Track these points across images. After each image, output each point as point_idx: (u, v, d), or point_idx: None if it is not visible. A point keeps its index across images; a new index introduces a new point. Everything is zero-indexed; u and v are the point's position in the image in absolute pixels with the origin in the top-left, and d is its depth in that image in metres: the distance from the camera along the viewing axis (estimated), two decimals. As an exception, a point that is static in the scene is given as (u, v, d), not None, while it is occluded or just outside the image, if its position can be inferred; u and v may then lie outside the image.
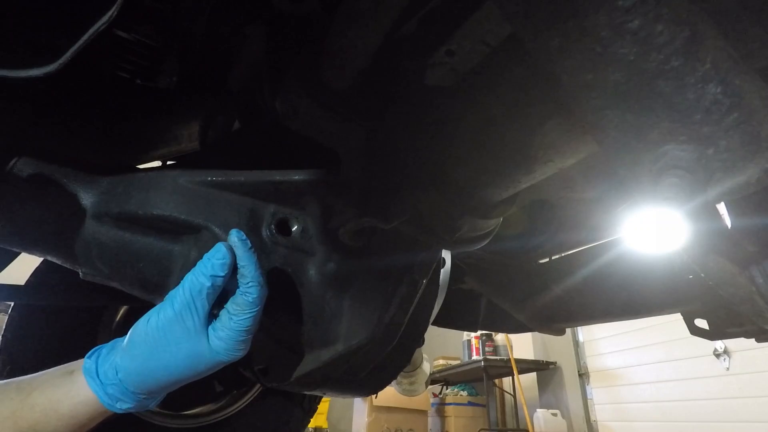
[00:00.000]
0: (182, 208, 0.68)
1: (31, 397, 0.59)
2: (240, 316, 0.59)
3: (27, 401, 0.59)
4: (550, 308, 1.19)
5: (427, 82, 0.62)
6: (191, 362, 0.60)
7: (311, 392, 1.06)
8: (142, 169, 0.76)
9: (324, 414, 5.57)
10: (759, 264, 0.59)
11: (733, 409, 3.48)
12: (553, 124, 0.52)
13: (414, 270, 0.77)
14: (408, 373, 2.10)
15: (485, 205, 0.67)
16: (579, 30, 0.37)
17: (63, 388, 0.60)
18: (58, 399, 0.59)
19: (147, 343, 0.59)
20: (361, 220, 0.61)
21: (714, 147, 0.37)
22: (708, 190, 0.38)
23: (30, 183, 0.66)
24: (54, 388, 0.60)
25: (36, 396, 0.59)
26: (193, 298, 0.58)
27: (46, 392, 0.60)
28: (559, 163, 0.57)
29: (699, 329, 1.00)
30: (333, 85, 0.63)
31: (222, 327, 0.60)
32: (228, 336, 0.59)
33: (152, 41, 0.72)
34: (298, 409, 1.59)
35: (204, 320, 0.59)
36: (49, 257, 0.70)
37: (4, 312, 2.05)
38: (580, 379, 4.91)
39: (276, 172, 0.70)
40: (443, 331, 1.57)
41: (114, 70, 0.74)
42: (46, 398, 0.59)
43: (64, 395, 0.59)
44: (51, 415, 0.59)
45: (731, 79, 0.35)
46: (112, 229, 0.67)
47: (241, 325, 0.59)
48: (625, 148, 0.41)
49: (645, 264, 1.01)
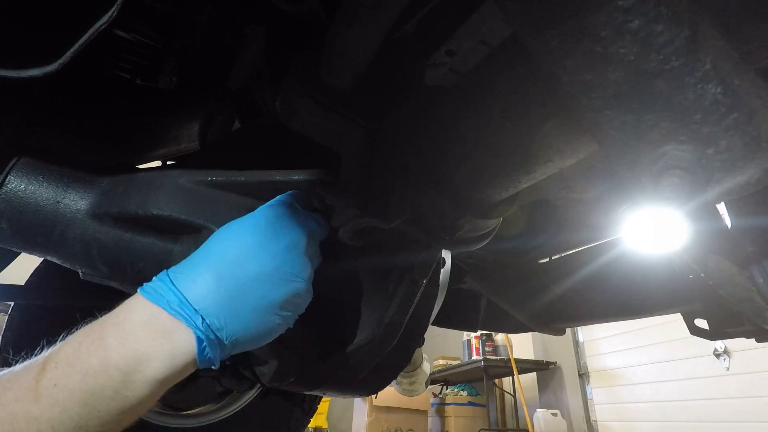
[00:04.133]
0: (182, 208, 0.68)
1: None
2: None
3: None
4: (550, 308, 1.19)
5: (427, 82, 0.62)
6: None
7: (311, 392, 1.06)
8: (142, 169, 0.76)
9: (324, 414, 5.57)
10: (759, 264, 0.59)
11: (733, 409, 3.48)
12: (553, 124, 0.52)
13: (414, 270, 0.77)
14: (408, 373, 2.10)
15: (485, 205, 0.67)
16: (579, 30, 0.37)
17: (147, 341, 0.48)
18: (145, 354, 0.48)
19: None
20: (361, 220, 0.61)
21: (714, 147, 0.37)
22: (708, 190, 0.38)
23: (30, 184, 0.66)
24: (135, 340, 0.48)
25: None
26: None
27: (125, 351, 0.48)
28: (559, 163, 0.57)
29: (699, 329, 1.00)
30: (333, 85, 0.63)
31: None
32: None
33: (152, 41, 0.73)
34: (298, 409, 1.59)
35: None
36: (49, 257, 0.70)
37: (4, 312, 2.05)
38: (580, 379, 4.91)
39: (276, 172, 0.70)
40: (443, 331, 1.57)
41: (114, 70, 0.74)
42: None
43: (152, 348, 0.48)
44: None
45: (731, 79, 0.35)
46: (112, 229, 0.67)
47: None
48: (625, 148, 0.41)
49: (645, 264, 1.01)
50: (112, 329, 0.49)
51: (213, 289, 0.51)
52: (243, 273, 0.53)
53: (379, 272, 0.78)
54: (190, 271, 0.53)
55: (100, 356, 0.47)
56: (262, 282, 0.53)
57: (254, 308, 0.53)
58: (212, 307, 0.51)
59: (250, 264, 0.54)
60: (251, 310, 0.53)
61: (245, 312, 0.52)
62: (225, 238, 0.57)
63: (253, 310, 0.53)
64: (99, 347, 0.48)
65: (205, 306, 0.50)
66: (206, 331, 0.50)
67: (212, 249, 0.56)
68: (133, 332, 0.49)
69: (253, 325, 0.53)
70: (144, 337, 0.49)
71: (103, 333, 0.49)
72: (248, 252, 0.54)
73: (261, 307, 0.53)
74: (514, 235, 1.07)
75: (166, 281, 0.52)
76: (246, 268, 0.53)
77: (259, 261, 0.54)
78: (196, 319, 0.49)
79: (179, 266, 0.55)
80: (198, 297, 0.51)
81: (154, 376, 0.48)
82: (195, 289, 0.51)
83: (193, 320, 0.49)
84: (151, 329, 0.49)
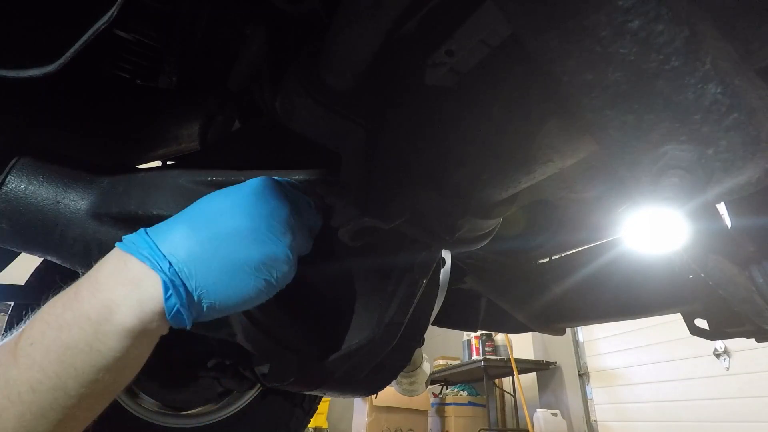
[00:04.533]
0: (182, 208, 0.68)
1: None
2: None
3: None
4: (550, 308, 1.19)
5: (427, 82, 0.62)
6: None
7: (311, 392, 1.06)
8: (142, 169, 0.76)
9: (324, 414, 5.57)
10: (759, 264, 0.59)
11: (733, 409, 3.48)
12: (553, 124, 0.52)
13: (414, 270, 0.77)
14: (408, 373, 2.10)
15: (485, 205, 0.67)
16: (579, 30, 0.37)
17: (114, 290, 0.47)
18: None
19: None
20: (361, 220, 0.61)
21: (714, 147, 0.37)
22: (708, 190, 0.38)
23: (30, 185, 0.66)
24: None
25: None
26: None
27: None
28: (559, 163, 0.57)
29: (699, 329, 1.00)
30: (333, 85, 0.63)
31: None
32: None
33: (152, 41, 0.72)
34: (298, 409, 1.59)
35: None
36: (49, 257, 0.70)
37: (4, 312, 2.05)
38: (580, 379, 4.91)
39: (276, 172, 0.70)
40: (443, 331, 1.57)
41: (114, 70, 0.74)
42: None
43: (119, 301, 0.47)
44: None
45: (731, 79, 0.35)
46: (112, 229, 0.67)
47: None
48: (625, 148, 0.41)
49: (645, 264, 1.01)
50: (85, 282, 0.49)
51: (184, 238, 0.51)
52: (217, 228, 0.52)
53: (379, 272, 0.78)
54: (166, 226, 0.53)
55: (73, 309, 0.46)
56: (236, 239, 0.52)
57: (227, 263, 0.51)
58: (182, 254, 0.50)
59: (225, 221, 0.53)
60: (223, 265, 0.51)
61: (216, 265, 0.51)
62: (206, 200, 0.57)
63: (225, 265, 0.51)
64: (73, 300, 0.47)
65: (175, 253, 0.50)
66: (173, 276, 0.48)
67: (192, 208, 0.56)
68: (104, 281, 0.48)
69: (226, 282, 0.51)
70: (114, 284, 0.48)
71: (78, 287, 0.49)
72: (225, 211, 0.54)
73: (234, 264, 0.52)
74: (514, 235, 1.07)
75: (142, 233, 0.52)
76: (220, 224, 0.53)
77: (235, 219, 0.53)
78: (163, 264, 0.48)
79: (158, 225, 0.54)
80: (169, 245, 0.50)
81: (122, 325, 0.47)
82: (167, 239, 0.51)
83: (160, 264, 0.48)
84: (120, 276, 0.48)
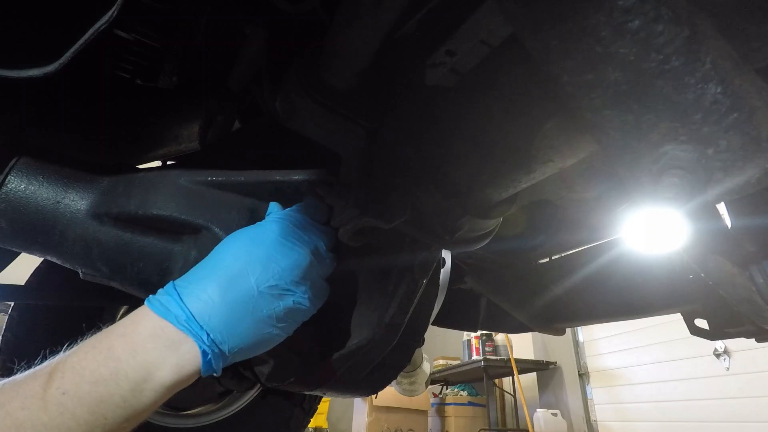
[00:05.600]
0: (182, 208, 0.68)
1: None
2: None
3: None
4: (550, 308, 1.19)
5: (427, 82, 0.62)
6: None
7: (311, 392, 1.06)
8: (142, 169, 0.76)
9: (324, 414, 5.57)
10: (759, 264, 0.59)
11: (733, 409, 3.48)
12: (553, 124, 0.52)
13: (414, 270, 0.77)
14: (408, 373, 2.10)
15: (485, 205, 0.67)
16: (579, 30, 0.37)
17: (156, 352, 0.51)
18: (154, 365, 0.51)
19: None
20: (361, 220, 0.61)
21: (714, 147, 0.37)
22: (708, 190, 0.38)
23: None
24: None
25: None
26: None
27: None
28: (559, 163, 0.57)
29: (699, 329, 1.00)
30: (333, 85, 0.63)
31: None
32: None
33: (152, 41, 0.72)
34: (298, 409, 1.59)
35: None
36: (49, 257, 0.70)
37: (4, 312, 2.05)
38: (580, 379, 4.91)
39: (276, 172, 0.70)
40: (443, 331, 1.57)
41: (114, 70, 0.74)
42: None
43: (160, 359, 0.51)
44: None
45: (731, 79, 0.35)
46: (112, 229, 0.67)
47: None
48: (625, 148, 0.41)
49: (645, 264, 1.01)
50: (120, 341, 0.52)
51: (217, 305, 0.55)
52: (243, 290, 0.56)
53: (379, 272, 0.78)
54: (195, 285, 0.56)
55: (110, 366, 0.49)
56: (260, 299, 0.57)
57: (253, 322, 0.56)
58: (216, 323, 0.54)
59: (251, 282, 0.57)
60: (251, 325, 0.56)
61: (245, 326, 0.56)
62: (229, 254, 0.60)
63: (252, 324, 0.56)
64: (108, 357, 0.50)
65: (210, 322, 0.54)
66: (211, 346, 0.53)
67: (216, 262, 0.59)
68: (142, 344, 0.52)
69: (252, 337, 0.57)
70: (153, 348, 0.51)
71: (111, 344, 0.52)
72: (249, 270, 0.57)
73: (260, 321, 0.57)
74: (514, 235, 1.07)
75: (173, 294, 0.55)
76: (246, 284, 0.56)
77: (259, 279, 0.57)
78: (202, 334, 0.53)
79: (185, 278, 0.58)
80: (203, 313, 0.54)
81: (162, 384, 0.51)
82: (200, 305, 0.54)
83: (199, 336, 0.53)
84: (159, 341, 0.52)
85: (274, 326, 0.58)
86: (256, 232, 0.61)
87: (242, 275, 0.57)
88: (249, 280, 0.56)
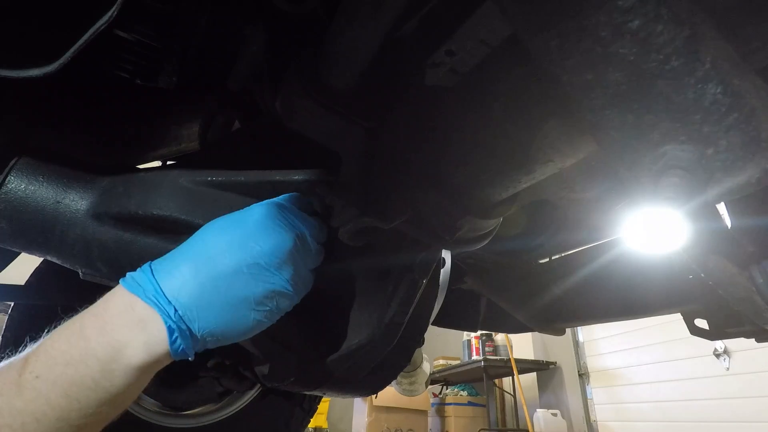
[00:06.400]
0: (182, 208, 0.68)
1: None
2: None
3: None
4: (550, 308, 1.19)
5: (427, 82, 0.62)
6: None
7: (311, 392, 1.06)
8: (142, 169, 0.76)
9: (324, 414, 5.57)
10: (759, 264, 0.59)
11: (733, 409, 3.48)
12: (553, 124, 0.52)
13: (414, 270, 0.77)
14: (408, 373, 2.10)
15: (485, 205, 0.67)
16: (579, 30, 0.37)
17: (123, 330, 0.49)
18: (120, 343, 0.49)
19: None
20: (361, 220, 0.61)
21: (714, 147, 0.37)
22: (708, 190, 0.38)
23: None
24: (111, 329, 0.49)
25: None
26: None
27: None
28: (559, 163, 0.57)
29: (699, 329, 1.00)
30: (333, 85, 0.63)
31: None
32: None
33: (152, 41, 0.72)
34: (298, 409, 1.59)
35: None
36: (49, 257, 0.70)
37: (4, 312, 2.05)
38: (580, 379, 4.91)
39: (276, 172, 0.70)
40: (443, 331, 1.57)
41: (114, 70, 0.74)
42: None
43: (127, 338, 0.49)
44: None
45: (731, 79, 0.35)
46: (112, 229, 0.67)
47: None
48: (625, 148, 0.41)
49: (645, 264, 1.01)
50: (91, 320, 0.50)
51: (188, 281, 0.52)
52: (218, 267, 0.54)
53: (379, 272, 0.78)
54: (170, 263, 0.54)
55: (80, 346, 0.48)
56: (237, 278, 0.54)
57: (229, 302, 0.54)
58: (186, 298, 0.52)
59: (226, 259, 0.54)
60: (225, 304, 0.53)
61: (218, 306, 0.53)
62: (209, 233, 0.58)
63: (227, 303, 0.53)
64: (79, 337, 0.49)
65: (179, 297, 0.51)
66: (178, 322, 0.51)
67: (195, 243, 0.57)
68: (111, 321, 0.50)
69: (227, 319, 0.54)
70: (121, 325, 0.49)
71: (83, 323, 0.50)
72: (227, 249, 0.55)
73: (236, 302, 0.54)
74: (514, 235, 1.07)
75: (147, 272, 0.53)
76: (221, 263, 0.54)
77: (235, 257, 0.55)
78: (169, 309, 0.50)
79: (163, 258, 0.56)
80: (173, 288, 0.52)
81: (130, 365, 0.49)
82: (171, 281, 0.52)
83: (166, 310, 0.50)
84: (127, 318, 0.50)
85: (254, 309, 0.55)
86: (240, 215, 0.60)
87: (220, 254, 0.54)
88: (225, 258, 0.54)
